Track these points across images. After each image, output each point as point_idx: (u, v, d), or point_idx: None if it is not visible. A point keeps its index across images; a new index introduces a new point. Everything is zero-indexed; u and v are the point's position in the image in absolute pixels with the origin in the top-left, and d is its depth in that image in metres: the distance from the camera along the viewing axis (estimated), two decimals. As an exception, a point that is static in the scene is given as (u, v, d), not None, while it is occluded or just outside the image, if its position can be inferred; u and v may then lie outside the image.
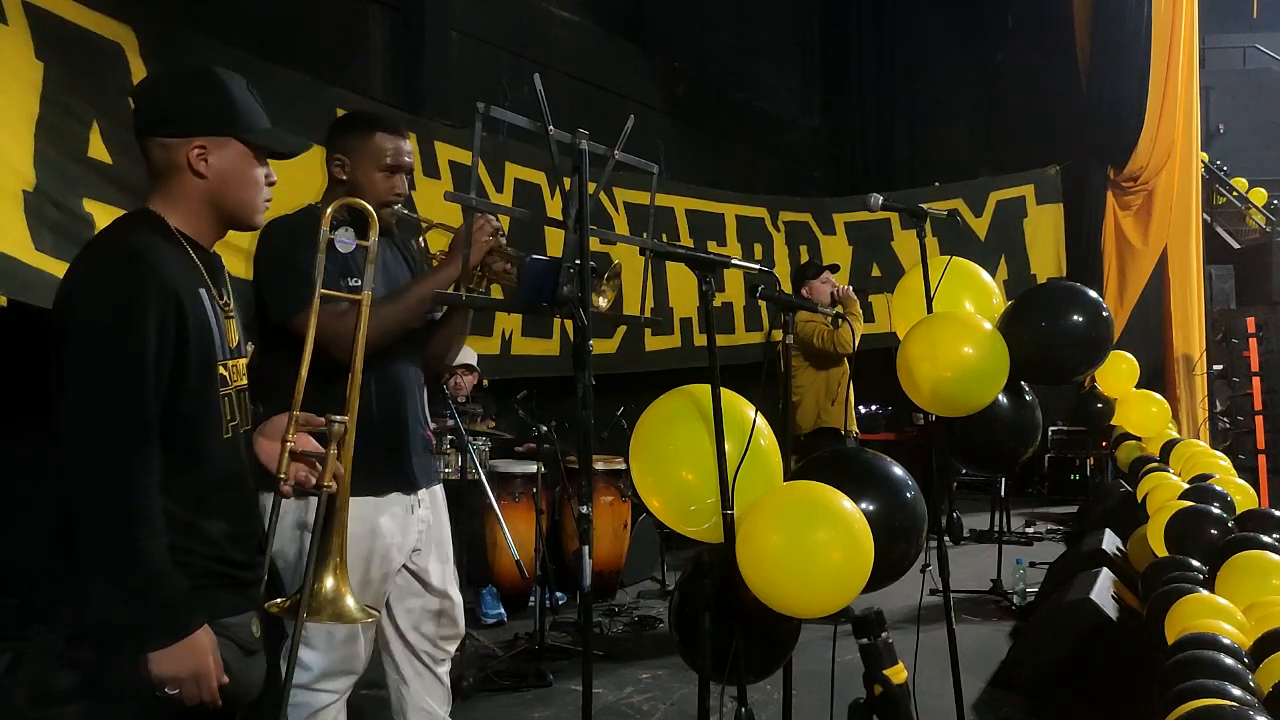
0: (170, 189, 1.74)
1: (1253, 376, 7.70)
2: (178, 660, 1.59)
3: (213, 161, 1.72)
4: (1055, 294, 3.58)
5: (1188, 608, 3.09)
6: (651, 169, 2.43)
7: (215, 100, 1.74)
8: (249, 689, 1.77)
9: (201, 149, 1.72)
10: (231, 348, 1.79)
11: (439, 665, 2.66)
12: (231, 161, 1.74)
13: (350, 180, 2.45)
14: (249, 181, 1.76)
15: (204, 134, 1.72)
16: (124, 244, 1.66)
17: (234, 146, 1.74)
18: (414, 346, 2.55)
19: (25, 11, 3.44)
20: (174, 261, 1.67)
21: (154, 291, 1.60)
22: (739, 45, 9.61)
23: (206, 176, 1.73)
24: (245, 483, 1.82)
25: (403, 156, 2.47)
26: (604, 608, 5.35)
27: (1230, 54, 14.62)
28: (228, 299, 1.82)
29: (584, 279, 2.00)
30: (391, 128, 2.50)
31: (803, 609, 2.28)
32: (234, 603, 1.74)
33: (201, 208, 1.75)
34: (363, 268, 2.42)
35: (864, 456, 2.64)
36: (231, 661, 1.69)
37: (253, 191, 1.77)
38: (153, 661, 1.58)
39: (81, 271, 1.65)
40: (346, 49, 5.82)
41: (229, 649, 1.70)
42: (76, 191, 3.53)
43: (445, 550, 2.66)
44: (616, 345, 6.80)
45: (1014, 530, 7.38)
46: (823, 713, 2.78)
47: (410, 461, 2.50)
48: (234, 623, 1.73)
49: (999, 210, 8.77)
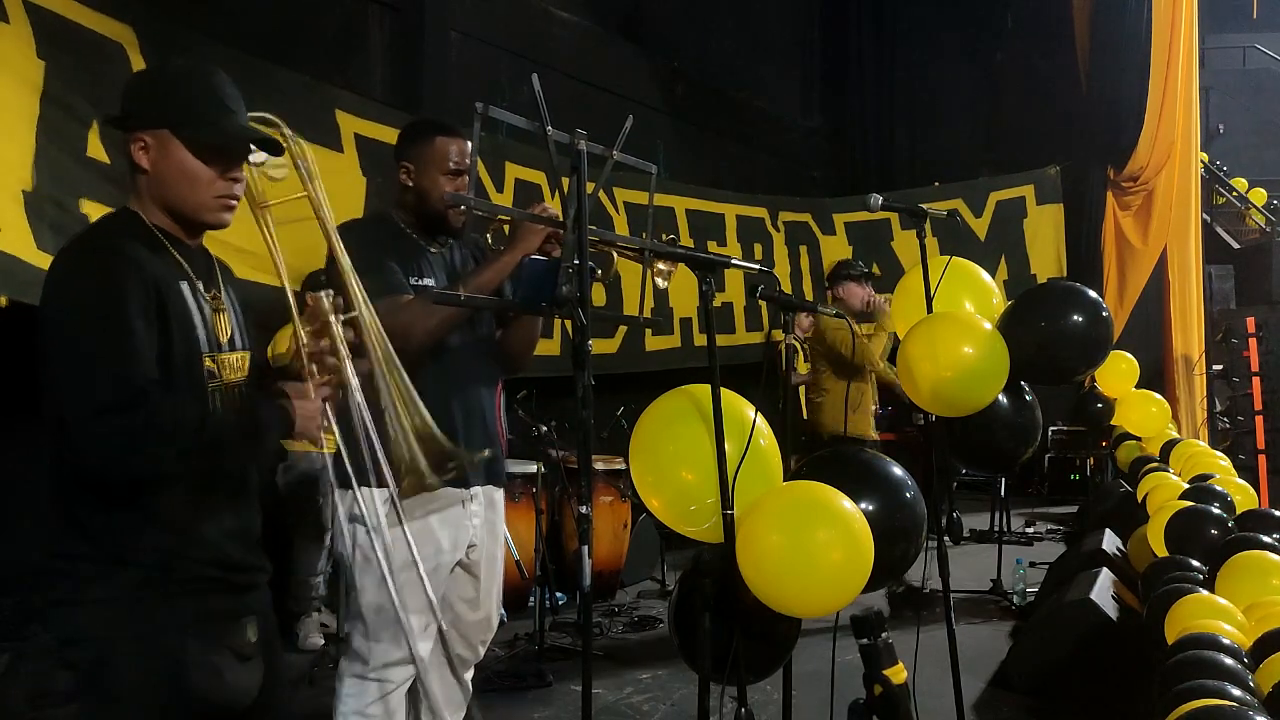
0: (135, 185, 1.73)
1: (1253, 376, 7.69)
2: (304, 424, 1.71)
3: (152, 156, 1.70)
4: (1055, 294, 3.58)
5: (1188, 608, 3.09)
6: (650, 169, 2.42)
7: (157, 94, 1.71)
8: (240, 696, 1.72)
9: (142, 144, 1.70)
10: (222, 342, 1.76)
11: (465, 669, 2.65)
12: (168, 156, 1.69)
13: (416, 186, 2.49)
14: (190, 178, 1.70)
15: (142, 128, 1.70)
16: (97, 239, 1.68)
17: (170, 141, 1.69)
18: (483, 342, 2.56)
19: (26, 10, 3.44)
20: (149, 255, 1.66)
21: (133, 280, 1.60)
22: (739, 45, 9.61)
23: (148, 171, 1.71)
24: (241, 481, 1.79)
25: (465, 159, 2.49)
26: (604, 608, 5.35)
27: (1230, 54, 14.62)
28: (218, 293, 1.80)
29: (583, 279, 2.00)
30: (451, 131, 2.52)
31: (803, 609, 2.28)
32: (228, 607, 1.72)
33: (157, 203, 1.73)
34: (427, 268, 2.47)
35: (864, 456, 2.64)
36: (223, 669, 1.67)
37: (195, 188, 1.70)
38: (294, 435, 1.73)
39: (60, 269, 1.64)
40: (346, 49, 5.82)
41: (221, 655, 1.67)
42: (75, 191, 3.53)
43: (496, 555, 2.66)
44: (617, 345, 6.80)
45: (1014, 530, 7.39)
46: (823, 713, 2.78)
47: None
48: (228, 627, 1.70)
49: (999, 210, 8.77)
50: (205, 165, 1.70)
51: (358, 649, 2.42)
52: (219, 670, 1.66)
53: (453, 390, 2.46)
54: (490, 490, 2.62)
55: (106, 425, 1.53)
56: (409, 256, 2.46)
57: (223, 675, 1.66)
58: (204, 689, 1.64)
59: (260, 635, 1.76)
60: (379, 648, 2.39)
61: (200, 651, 1.64)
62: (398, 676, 2.42)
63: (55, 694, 3.52)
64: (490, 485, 2.61)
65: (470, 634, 2.62)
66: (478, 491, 2.56)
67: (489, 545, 2.61)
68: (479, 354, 2.56)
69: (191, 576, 1.66)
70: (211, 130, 1.70)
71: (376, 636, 2.39)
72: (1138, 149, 8.15)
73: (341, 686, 2.44)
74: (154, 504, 1.63)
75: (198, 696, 1.64)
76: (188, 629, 1.64)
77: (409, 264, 2.44)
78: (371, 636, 2.39)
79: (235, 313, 1.84)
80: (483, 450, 2.56)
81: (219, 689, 1.66)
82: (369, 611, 2.39)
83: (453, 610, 2.58)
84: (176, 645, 1.63)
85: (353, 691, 2.41)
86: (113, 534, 1.62)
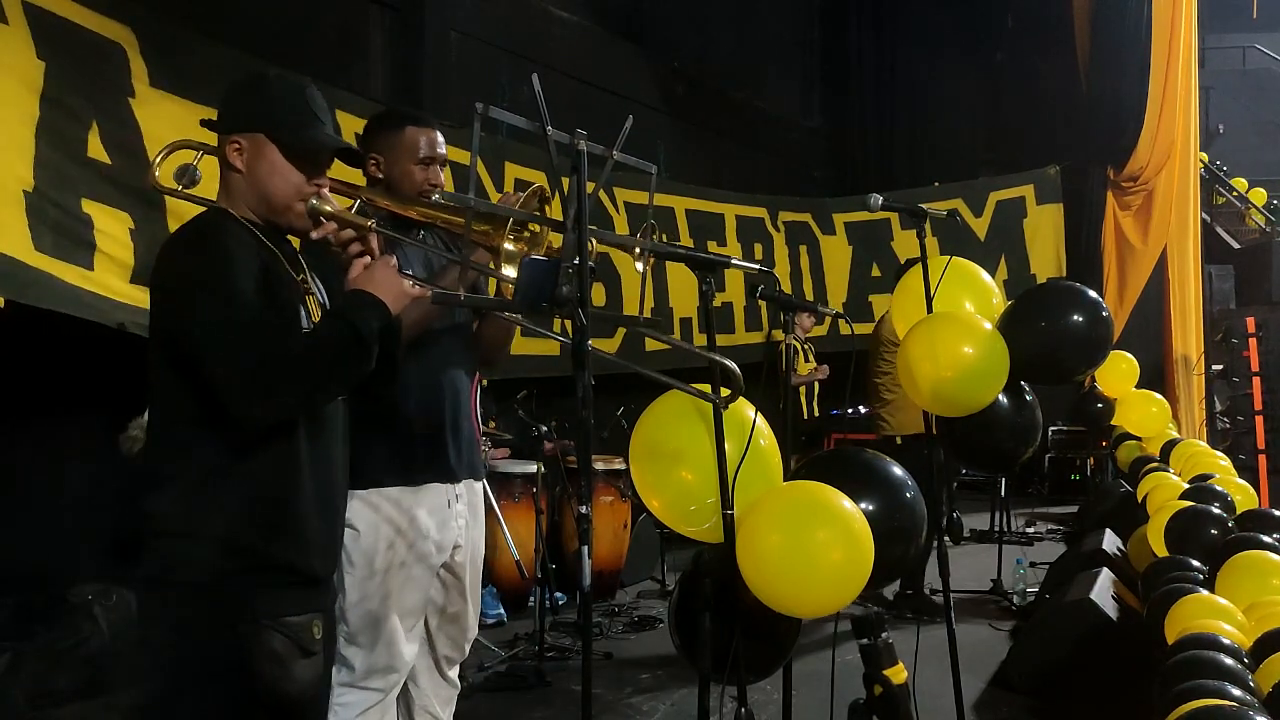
0: (226, 184, 1.85)
1: (1253, 376, 7.70)
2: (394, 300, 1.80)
3: (246, 157, 1.81)
4: (1055, 294, 3.58)
5: (1188, 608, 3.09)
6: (650, 169, 2.42)
7: (253, 99, 1.83)
8: (305, 689, 1.78)
9: (237, 145, 1.82)
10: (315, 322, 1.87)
11: (451, 668, 2.65)
12: (261, 158, 1.81)
13: (386, 176, 2.47)
14: (280, 179, 1.81)
15: (239, 130, 1.82)
16: (200, 226, 1.80)
17: (265, 144, 1.81)
18: (460, 339, 2.55)
19: (25, 11, 3.44)
20: (245, 239, 1.79)
21: (238, 251, 1.73)
22: (739, 45, 9.61)
23: (242, 171, 1.82)
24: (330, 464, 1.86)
25: (436, 148, 2.49)
26: (604, 608, 5.35)
27: (1230, 54, 14.63)
28: (305, 278, 1.91)
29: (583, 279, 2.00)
30: (422, 121, 2.51)
31: (803, 609, 2.29)
32: (300, 601, 1.78)
33: (247, 202, 1.83)
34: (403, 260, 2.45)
35: (864, 456, 2.64)
36: (289, 661, 1.73)
37: (284, 189, 1.82)
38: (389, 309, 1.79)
39: (172, 253, 1.76)
40: (346, 49, 5.82)
41: (288, 647, 1.73)
42: (76, 192, 3.52)
43: (479, 551, 2.65)
44: (617, 345, 6.80)
45: (1014, 530, 7.38)
46: (823, 713, 2.78)
47: (449, 452, 2.48)
48: (296, 622, 1.76)
49: (999, 210, 8.77)
50: (295, 168, 1.82)
51: (344, 655, 2.38)
52: (285, 663, 1.72)
53: (439, 375, 2.45)
54: (470, 484, 2.61)
55: (263, 372, 1.65)
56: (385, 248, 2.44)
57: (290, 669, 1.73)
58: (271, 679, 1.71)
59: (324, 633, 1.83)
60: (364, 654, 2.37)
61: (271, 643, 1.71)
62: (385, 684, 2.40)
63: (55, 694, 3.53)
64: (470, 479, 2.59)
65: (457, 635, 2.62)
66: (462, 490, 2.55)
67: (473, 545, 2.61)
68: (459, 342, 2.54)
69: (272, 567, 1.73)
70: (305, 135, 1.82)
71: (361, 642, 2.37)
72: (1138, 149, 8.15)
73: (330, 695, 2.41)
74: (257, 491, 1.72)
75: (265, 686, 1.70)
76: (262, 620, 1.71)
77: None
78: (357, 642, 2.37)
79: (321, 295, 1.95)
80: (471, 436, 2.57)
81: (285, 680, 1.72)
82: (353, 616, 2.37)
83: (440, 611, 2.57)
84: (250, 634, 1.70)
85: (341, 701, 2.37)
86: (205, 522, 1.69)
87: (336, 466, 1.89)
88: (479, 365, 2.64)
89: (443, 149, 2.51)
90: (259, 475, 1.73)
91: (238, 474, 1.71)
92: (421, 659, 2.56)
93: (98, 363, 3.66)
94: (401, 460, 2.38)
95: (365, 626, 2.36)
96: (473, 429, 2.60)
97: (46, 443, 3.82)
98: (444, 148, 2.52)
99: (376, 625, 2.37)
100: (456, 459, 2.49)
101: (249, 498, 1.72)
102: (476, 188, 2.03)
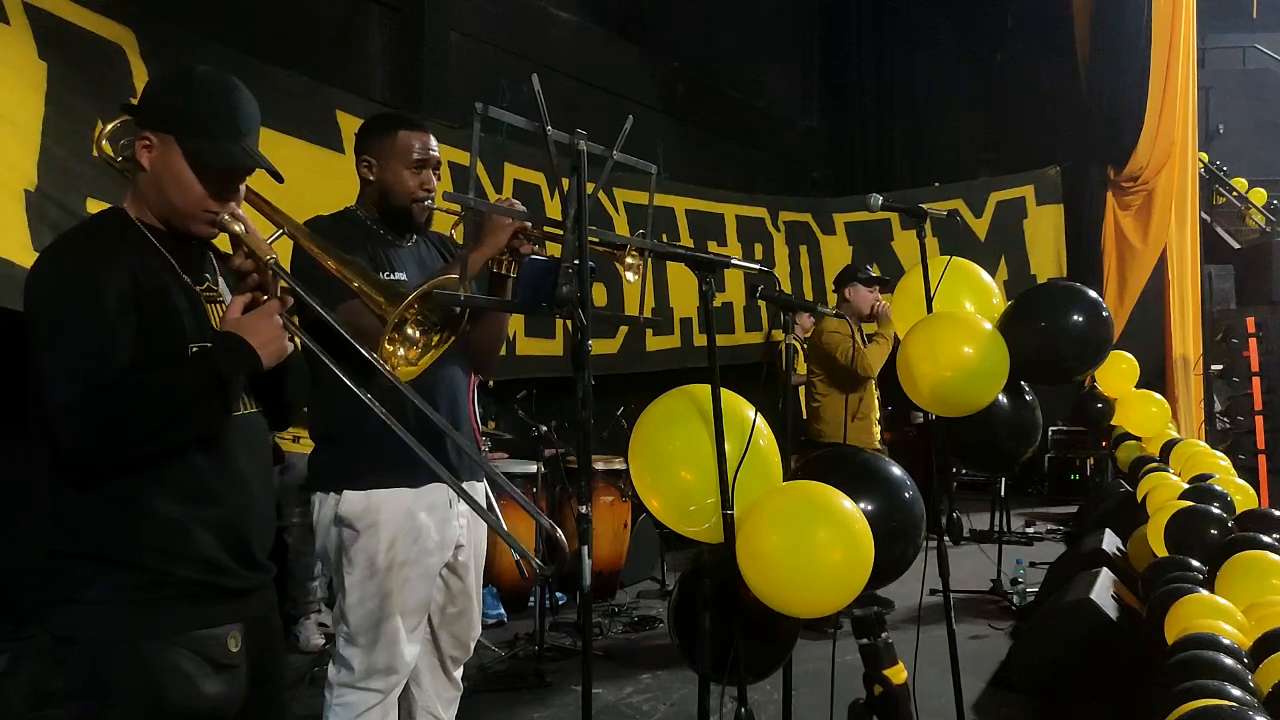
0: (134, 181, 1.75)
1: (1253, 376, 7.70)
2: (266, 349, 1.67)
3: (153, 156, 1.70)
4: (1055, 294, 3.58)
5: (1188, 608, 3.09)
6: (650, 169, 2.42)
7: (170, 96, 1.71)
8: (224, 704, 1.70)
9: (147, 142, 1.70)
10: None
11: (457, 668, 2.65)
12: (167, 162, 1.69)
13: (379, 180, 2.47)
14: (181, 188, 1.70)
15: (150, 127, 1.70)
16: (76, 237, 1.70)
17: (173, 148, 1.69)
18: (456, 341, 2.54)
19: (26, 12, 3.44)
20: (131, 251, 1.67)
21: (106, 273, 1.61)
22: (739, 45, 9.61)
23: (146, 170, 1.71)
24: (244, 476, 1.76)
25: (429, 151, 2.48)
26: (604, 608, 5.35)
27: (1230, 54, 14.61)
28: (211, 284, 1.80)
29: (583, 279, 2.00)
30: (415, 124, 2.50)
31: (803, 609, 2.29)
32: (214, 614, 1.69)
33: (148, 203, 1.73)
34: (398, 262, 2.44)
35: (863, 456, 2.64)
36: (196, 677, 1.65)
37: (185, 200, 1.70)
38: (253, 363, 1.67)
39: (39, 265, 1.67)
40: (346, 49, 5.82)
41: (194, 663, 1.65)
42: (79, 191, 3.52)
43: (481, 550, 2.65)
44: (617, 345, 6.80)
45: (1014, 530, 7.38)
46: (823, 713, 2.78)
47: (449, 451, 2.46)
48: (206, 635, 1.68)
49: (999, 210, 8.77)
50: (198, 181, 1.69)
51: (345, 655, 2.38)
52: (193, 680, 1.64)
53: (435, 375, 2.42)
54: (471, 484, 2.60)
55: (85, 406, 1.56)
56: (376, 251, 2.43)
57: (198, 685, 1.65)
58: (179, 698, 1.63)
59: (247, 642, 1.73)
60: (364, 654, 2.36)
61: (177, 660, 1.63)
62: (385, 685, 2.39)
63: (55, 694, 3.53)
64: (472, 480, 2.59)
65: (461, 633, 2.61)
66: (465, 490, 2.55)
67: (475, 545, 2.60)
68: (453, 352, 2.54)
69: (180, 580, 1.65)
70: (213, 149, 1.69)
71: (361, 642, 2.36)
72: (1138, 149, 8.15)
73: (330, 695, 2.40)
74: (146, 504, 1.63)
75: (175, 705, 1.63)
76: (168, 636, 1.64)
77: (377, 259, 2.41)
78: (357, 642, 2.36)
79: None
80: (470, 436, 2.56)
81: (195, 698, 1.65)
82: (353, 616, 2.36)
83: (441, 611, 2.57)
84: (155, 652, 1.62)
85: (341, 702, 2.37)
86: (104, 535, 1.62)
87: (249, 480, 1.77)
88: (472, 366, 2.64)
89: (435, 152, 2.50)
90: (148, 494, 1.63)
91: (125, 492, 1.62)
92: (425, 659, 2.55)
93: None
94: (401, 461, 2.38)
95: (365, 627, 2.36)
96: (472, 428, 2.60)
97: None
98: (437, 150, 2.51)
99: (377, 626, 2.36)
100: (457, 459, 2.49)
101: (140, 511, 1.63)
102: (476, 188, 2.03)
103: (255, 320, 1.69)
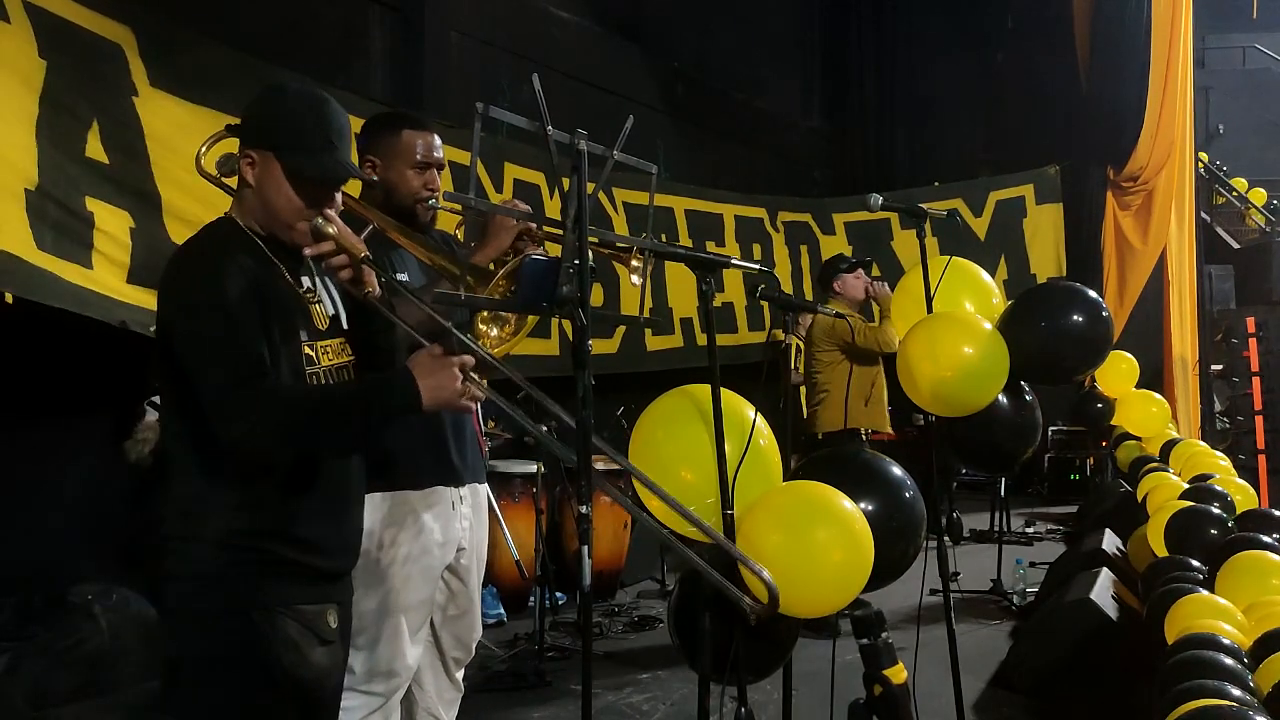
0: (239, 194, 1.87)
1: (1253, 376, 7.71)
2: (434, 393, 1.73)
3: (256, 172, 1.81)
4: (1055, 294, 3.59)
5: (1188, 608, 3.09)
6: (650, 169, 2.42)
7: (266, 115, 1.83)
8: (325, 677, 1.83)
9: (249, 159, 1.82)
10: (321, 329, 1.89)
11: (459, 669, 2.65)
12: (269, 176, 1.80)
13: (382, 180, 2.46)
14: (284, 200, 1.81)
15: (251, 145, 1.82)
16: (196, 245, 1.82)
17: (273, 163, 1.80)
18: None
19: (26, 11, 3.44)
20: (244, 256, 1.79)
21: (231, 277, 1.73)
22: (739, 45, 9.61)
23: (251, 185, 1.82)
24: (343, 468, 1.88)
25: (433, 151, 2.47)
26: (604, 608, 5.35)
27: (1230, 54, 14.63)
28: (312, 285, 1.92)
29: (583, 279, 2.00)
30: (419, 124, 2.50)
31: (803, 609, 2.28)
32: (315, 592, 1.82)
33: (254, 214, 1.84)
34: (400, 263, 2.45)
35: (863, 456, 2.64)
36: (305, 646, 1.77)
37: (285, 212, 1.81)
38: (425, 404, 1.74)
39: (170, 275, 1.79)
40: (346, 49, 5.82)
41: (302, 634, 1.77)
42: (79, 190, 3.52)
43: (483, 552, 2.65)
44: (617, 345, 6.80)
45: (1014, 530, 7.38)
46: (823, 713, 2.78)
47: (452, 454, 2.48)
48: (310, 610, 1.80)
49: (999, 210, 8.76)
50: (297, 194, 1.80)
51: None
52: (301, 648, 1.77)
53: None
54: (474, 487, 2.61)
55: (243, 393, 1.68)
56: (381, 251, 2.42)
57: (305, 654, 1.77)
58: (289, 665, 1.75)
59: (339, 623, 1.87)
60: (365, 656, 2.36)
61: (286, 629, 1.75)
62: (387, 688, 2.38)
63: (55, 694, 3.53)
64: (474, 482, 2.59)
65: (462, 634, 2.62)
66: (465, 493, 2.55)
67: (476, 547, 2.61)
68: None
69: (286, 561, 1.77)
70: (309, 163, 1.80)
71: (361, 644, 2.35)
72: (1137, 149, 8.15)
73: None
74: (267, 494, 1.76)
75: (282, 670, 1.74)
76: (275, 608, 1.75)
77: (382, 259, 2.40)
78: (357, 644, 2.33)
79: (333, 301, 1.96)
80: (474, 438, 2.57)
81: (303, 666, 1.77)
82: (356, 617, 2.37)
83: (443, 612, 2.57)
84: (266, 622, 1.74)
85: (343, 704, 2.37)
86: (227, 522, 1.73)
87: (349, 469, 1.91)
88: None
89: (440, 152, 2.50)
90: (259, 476, 1.75)
91: (239, 474, 1.74)
92: (428, 659, 2.56)
93: (97, 363, 3.66)
94: (405, 463, 2.38)
95: (366, 629, 2.35)
96: (475, 431, 2.60)
97: (46, 442, 3.82)
98: (441, 150, 2.51)
99: (378, 628, 2.36)
100: (460, 461, 2.49)
101: (250, 497, 1.74)
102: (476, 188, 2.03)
103: (436, 369, 1.76)
